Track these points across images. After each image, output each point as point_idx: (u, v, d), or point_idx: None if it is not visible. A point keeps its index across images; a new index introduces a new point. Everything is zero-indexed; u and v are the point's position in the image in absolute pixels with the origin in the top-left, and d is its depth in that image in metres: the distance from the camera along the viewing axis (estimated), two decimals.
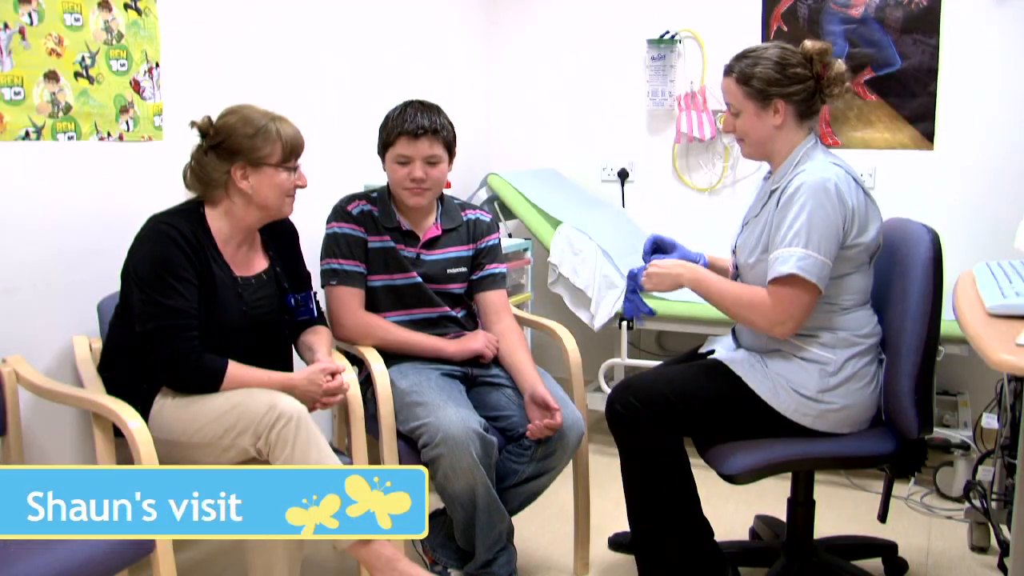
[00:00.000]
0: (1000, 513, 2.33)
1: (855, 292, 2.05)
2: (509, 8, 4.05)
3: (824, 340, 2.04)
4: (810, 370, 2.03)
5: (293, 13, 2.87)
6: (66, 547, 1.61)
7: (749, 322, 2.07)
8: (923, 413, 1.98)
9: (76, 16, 2.17)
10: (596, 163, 3.95)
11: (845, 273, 2.03)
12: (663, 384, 2.09)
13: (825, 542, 2.40)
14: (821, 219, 1.93)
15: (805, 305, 1.97)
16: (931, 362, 1.97)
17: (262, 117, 2.02)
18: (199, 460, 1.91)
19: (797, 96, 2.04)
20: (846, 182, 1.98)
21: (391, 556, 1.93)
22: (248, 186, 2.01)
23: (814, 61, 2.04)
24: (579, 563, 2.48)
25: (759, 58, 2.05)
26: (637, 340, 3.83)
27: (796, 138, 2.08)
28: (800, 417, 2.03)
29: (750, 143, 2.12)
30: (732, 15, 3.62)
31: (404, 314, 2.38)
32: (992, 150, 3.30)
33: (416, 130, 2.27)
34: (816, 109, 2.09)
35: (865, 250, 2.03)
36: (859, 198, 2.00)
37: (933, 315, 1.96)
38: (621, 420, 2.10)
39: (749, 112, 2.07)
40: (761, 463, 2.02)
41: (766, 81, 2.03)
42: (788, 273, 1.94)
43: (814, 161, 2.03)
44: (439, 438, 2.06)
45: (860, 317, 2.06)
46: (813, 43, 2.05)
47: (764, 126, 2.07)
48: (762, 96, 2.04)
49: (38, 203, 2.14)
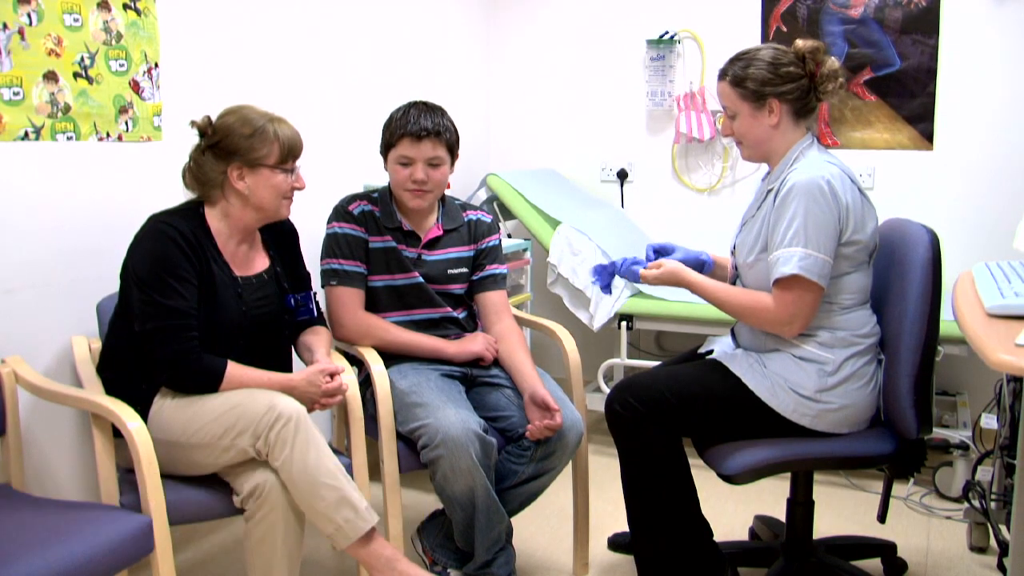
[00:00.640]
0: (999, 513, 2.33)
1: (854, 291, 2.05)
2: (509, 8, 4.05)
3: (823, 339, 2.04)
4: (808, 370, 2.03)
5: (292, 13, 2.87)
6: (65, 547, 1.61)
7: (758, 324, 2.08)
8: (922, 413, 1.98)
9: (75, 16, 2.17)
10: (595, 163, 3.95)
11: (844, 272, 2.03)
12: (662, 384, 2.09)
13: (824, 542, 2.40)
14: (816, 217, 1.95)
15: (810, 304, 1.98)
16: (930, 363, 1.97)
17: (260, 118, 2.02)
18: (198, 460, 1.91)
19: (791, 95, 2.06)
20: (840, 179, 1.99)
21: (391, 556, 1.93)
22: (244, 187, 2.01)
23: (807, 59, 2.06)
24: (578, 563, 2.48)
25: (752, 60, 2.07)
26: (636, 340, 3.83)
27: (793, 137, 2.09)
28: (799, 417, 2.03)
29: (748, 144, 2.14)
30: (731, 16, 3.62)
31: (405, 314, 2.38)
32: (991, 150, 3.30)
33: (419, 132, 2.27)
34: (812, 107, 2.11)
35: (863, 248, 2.04)
36: (854, 196, 2.01)
37: (932, 316, 1.96)
38: (620, 420, 2.10)
39: (745, 113, 2.09)
40: (760, 463, 2.02)
41: (760, 81, 2.05)
42: (791, 274, 1.95)
43: (808, 160, 2.04)
44: (439, 439, 2.06)
45: (859, 317, 2.07)
46: (805, 42, 2.07)
47: (761, 126, 2.09)
48: (756, 97, 2.06)
49: (37, 203, 2.14)
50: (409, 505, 2.77)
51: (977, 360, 2.95)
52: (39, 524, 1.71)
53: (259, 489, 1.86)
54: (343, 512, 1.87)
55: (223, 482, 1.93)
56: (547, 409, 2.18)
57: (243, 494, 1.87)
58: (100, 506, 1.85)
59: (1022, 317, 1.57)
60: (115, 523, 1.72)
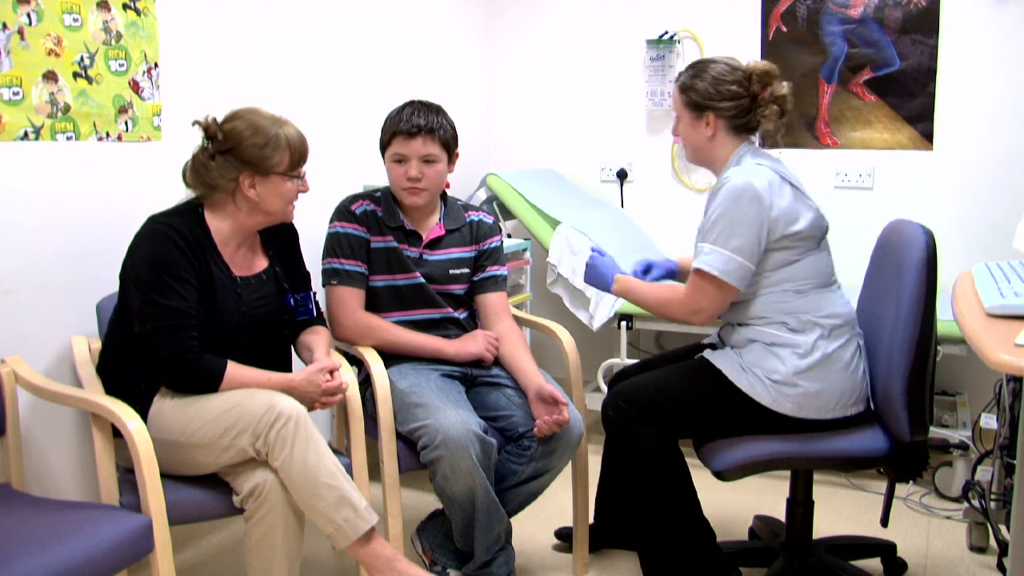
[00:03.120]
0: (999, 513, 2.33)
1: (809, 276, 2.09)
2: (508, 8, 4.05)
3: (790, 324, 2.07)
4: (782, 355, 2.06)
5: (292, 13, 2.87)
6: (65, 547, 1.61)
7: (669, 315, 2.17)
8: (915, 415, 1.97)
9: (75, 16, 2.17)
10: (595, 163, 3.95)
11: (792, 260, 2.07)
12: (652, 388, 2.14)
13: (824, 542, 2.40)
14: (736, 220, 2.01)
15: (716, 299, 2.07)
16: (924, 364, 1.96)
17: (271, 124, 2.01)
18: (198, 460, 1.91)
19: (728, 112, 2.13)
20: (768, 182, 2.03)
21: (390, 556, 1.93)
22: (255, 194, 2.02)
23: (752, 81, 2.12)
24: (578, 563, 2.48)
25: (701, 71, 2.15)
26: (636, 340, 3.83)
27: (732, 148, 2.16)
28: (779, 405, 2.05)
29: (688, 149, 2.23)
30: (731, 15, 3.62)
31: (406, 314, 2.38)
32: (991, 150, 3.30)
33: (411, 129, 2.28)
34: (752, 126, 2.17)
35: (807, 238, 2.07)
36: (784, 194, 2.05)
37: (926, 317, 1.95)
38: (615, 425, 2.14)
39: (685, 121, 2.19)
40: (748, 460, 2.05)
41: (701, 94, 2.13)
42: (699, 268, 2.05)
43: (741, 166, 2.10)
44: (439, 440, 2.06)
45: (820, 299, 2.09)
46: (758, 63, 2.13)
47: (699, 135, 2.17)
48: (696, 107, 2.15)
49: (37, 203, 2.14)
50: (409, 505, 2.77)
51: (977, 360, 2.95)
52: (39, 524, 1.71)
53: (259, 489, 1.86)
54: (343, 512, 1.88)
55: (223, 482, 1.93)
56: (555, 403, 2.19)
57: (243, 494, 1.87)
58: (100, 506, 1.85)
59: (1022, 317, 1.57)
60: (115, 523, 1.72)
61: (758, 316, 2.10)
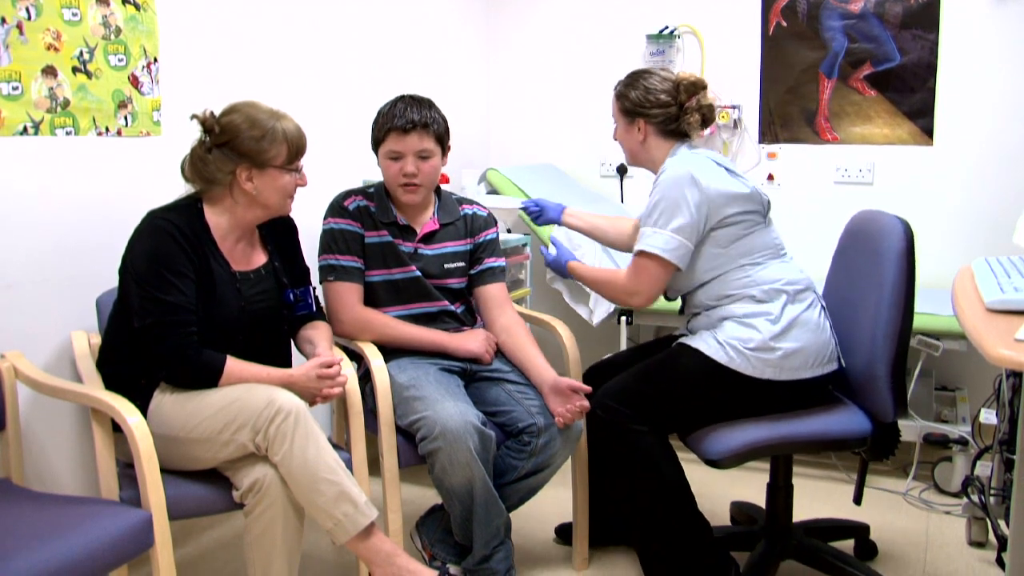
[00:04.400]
0: (998, 508, 2.34)
1: (762, 249, 2.19)
2: (509, 3, 4.04)
3: (757, 296, 2.16)
4: (756, 324, 2.13)
5: (292, 9, 2.87)
6: (65, 542, 1.61)
7: (611, 297, 2.31)
8: (898, 397, 2.08)
9: (74, 11, 2.17)
10: (595, 158, 3.95)
11: (743, 235, 2.18)
12: (638, 383, 2.19)
13: (803, 525, 2.46)
14: (675, 202, 2.12)
15: (657, 278, 2.18)
16: (904, 349, 2.07)
17: (268, 118, 2.01)
18: (198, 455, 1.91)
19: (656, 119, 2.28)
20: (701, 167, 2.15)
21: (390, 551, 1.93)
22: (252, 187, 2.02)
23: (680, 91, 2.26)
24: (578, 558, 2.48)
25: (635, 81, 2.31)
26: (636, 335, 3.83)
27: (664, 149, 2.29)
28: (762, 372, 2.11)
29: (625, 152, 2.38)
30: (731, 10, 3.61)
31: (403, 309, 2.38)
32: (991, 145, 3.29)
33: (405, 125, 2.27)
34: (682, 131, 2.29)
35: (750, 212, 2.18)
36: (719, 176, 2.16)
37: (907, 304, 2.06)
38: (604, 426, 2.17)
39: (620, 126, 2.35)
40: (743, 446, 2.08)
41: (633, 102, 2.29)
42: (641, 250, 2.16)
43: (675, 157, 2.24)
44: (437, 431, 2.06)
45: (778, 268, 2.19)
46: (687, 75, 2.29)
47: (632, 140, 2.33)
48: (628, 114, 2.31)
49: (36, 198, 2.13)
50: (408, 500, 2.77)
51: (976, 355, 2.95)
52: (39, 519, 1.71)
53: (259, 484, 1.86)
54: (342, 507, 1.88)
55: (223, 477, 1.93)
56: (575, 392, 2.20)
57: (243, 489, 1.87)
58: (100, 501, 1.85)
59: (1022, 312, 1.57)
60: (115, 518, 1.72)
61: (724, 295, 2.18)
